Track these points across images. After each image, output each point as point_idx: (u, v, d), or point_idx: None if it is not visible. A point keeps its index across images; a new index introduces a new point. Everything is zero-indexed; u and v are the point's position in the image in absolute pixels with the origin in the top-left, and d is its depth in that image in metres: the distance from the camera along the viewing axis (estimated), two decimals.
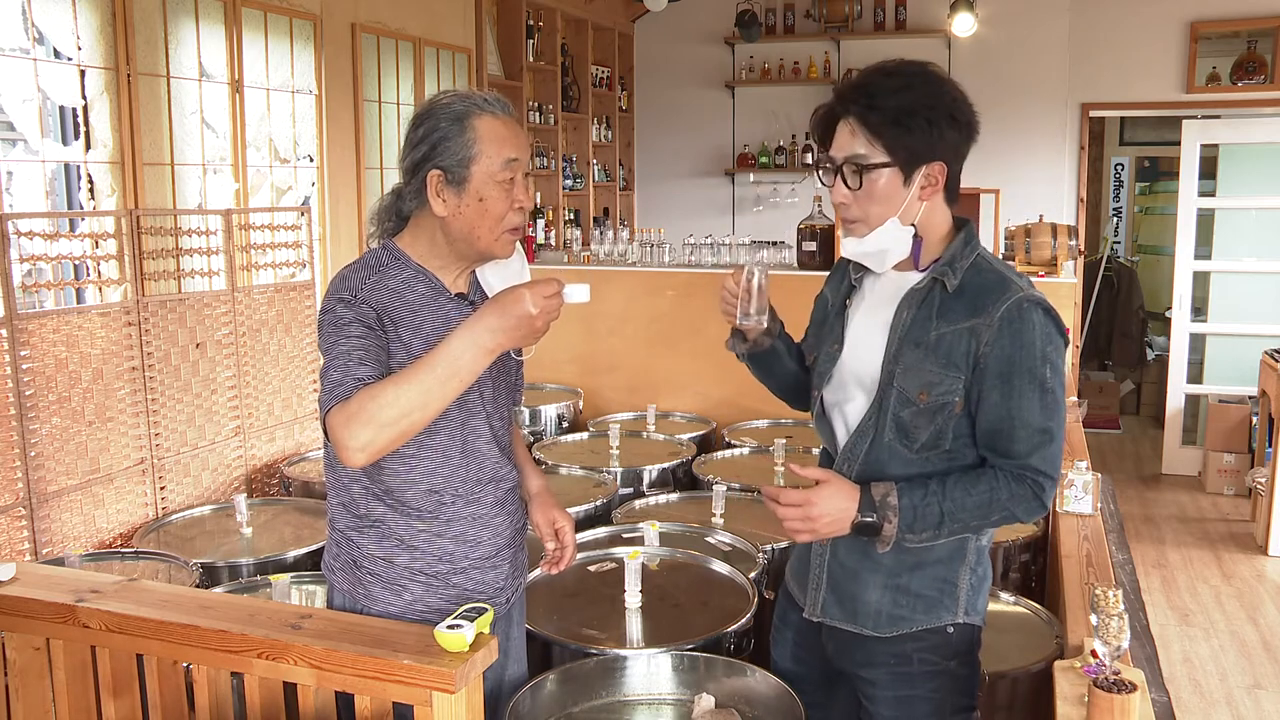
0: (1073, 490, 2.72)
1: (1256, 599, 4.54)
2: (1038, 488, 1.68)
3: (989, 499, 1.68)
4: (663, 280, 4.75)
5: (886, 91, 1.67)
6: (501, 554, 1.93)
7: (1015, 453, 1.68)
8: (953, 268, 1.72)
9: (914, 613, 1.79)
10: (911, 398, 1.71)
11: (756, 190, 7.62)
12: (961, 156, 1.72)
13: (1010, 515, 1.69)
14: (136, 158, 3.48)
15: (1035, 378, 1.66)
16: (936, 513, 1.67)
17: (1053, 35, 6.74)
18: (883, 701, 1.83)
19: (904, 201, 1.70)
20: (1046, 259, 4.47)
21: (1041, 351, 1.66)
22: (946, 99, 1.68)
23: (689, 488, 3.68)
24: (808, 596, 1.90)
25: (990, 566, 1.87)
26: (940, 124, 1.67)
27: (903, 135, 1.67)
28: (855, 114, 1.70)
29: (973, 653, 1.85)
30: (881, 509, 1.68)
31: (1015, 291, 1.68)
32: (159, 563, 2.94)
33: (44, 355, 3.07)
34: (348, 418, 1.59)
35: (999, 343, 1.66)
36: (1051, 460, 1.69)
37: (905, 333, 1.73)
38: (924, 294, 1.73)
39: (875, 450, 1.77)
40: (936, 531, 1.69)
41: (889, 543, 1.71)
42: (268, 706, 1.78)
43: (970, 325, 1.68)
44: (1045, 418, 1.67)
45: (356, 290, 1.76)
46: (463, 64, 5.45)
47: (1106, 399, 7.56)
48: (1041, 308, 1.68)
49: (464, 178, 1.75)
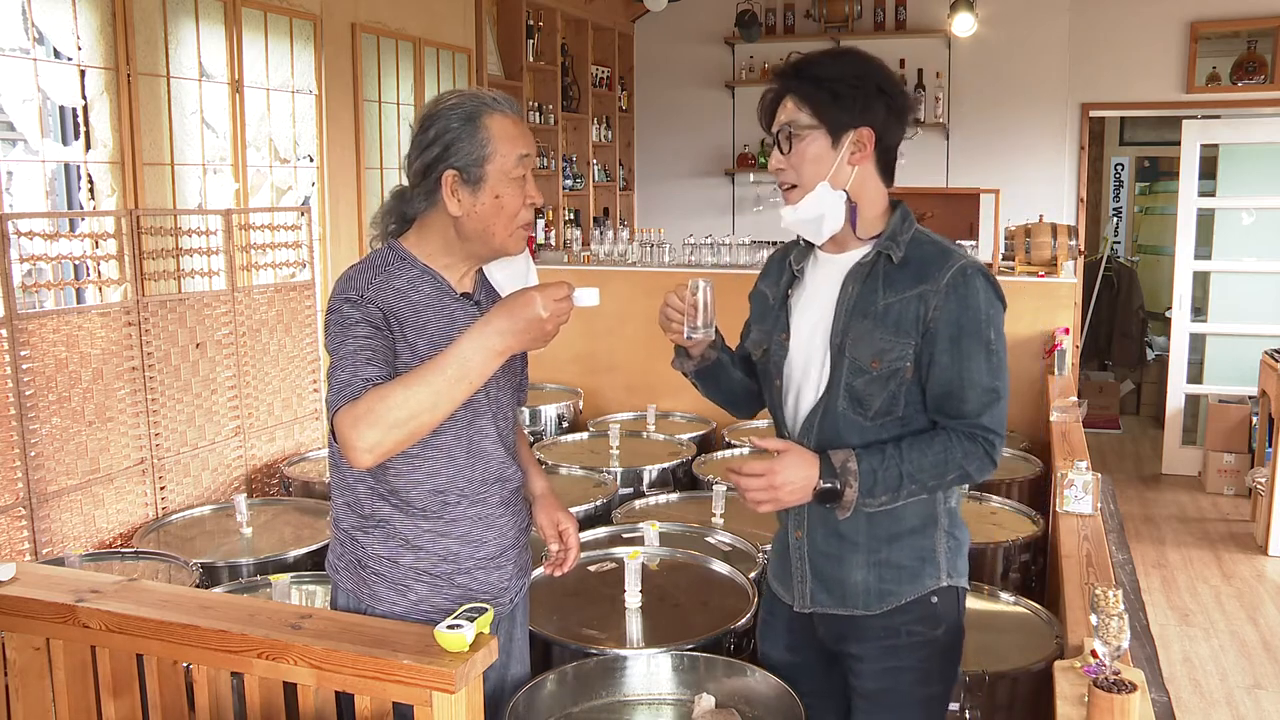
0: (1073, 490, 2.71)
1: (1256, 599, 4.54)
2: (989, 445, 1.75)
3: (944, 458, 1.74)
4: (663, 280, 4.75)
5: (815, 64, 1.79)
6: (506, 554, 1.93)
7: (966, 413, 1.75)
8: (896, 241, 1.80)
9: (899, 585, 1.84)
10: (864, 366, 1.77)
11: (756, 190, 7.61)
12: (892, 130, 1.80)
13: (964, 474, 1.76)
14: (136, 158, 3.47)
15: (982, 339, 1.74)
16: (895, 475, 1.73)
17: (1053, 35, 6.73)
18: (869, 675, 1.87)
19: (833, 164, 1.78)
20: (1046, 259, 4.47)
21: (986, 314, 1.75)
22: (875, 72, 1.78)
23: (689, 488, 3.68)
24: (794, 591, 1.93)
25: (966, 528, 1.93)
26: (867, 91, 1.76)
27: (829, 100, 1.76)
28: (788, 86, 1.81)
29: (958, 617, 1.90)
30: (842, 474, 1.74)
31: (959, 259, 1.77)
32: (159, 563, 2.94)
33: (44, 355, 3.07)
34: (356, 418, 1.59)
35: (946, 307, 1.74)
36: (999, 418, 1.77)
37: (853, 305, 1.80)
38: (869, 268, 1.81)
39: (829, 420, 1.82)
40: (895, 494, 1.75)
41: (850, 508, 1.76)
42: (268, 706, 1.78)
43: (919, 292, 1.76)
44: (992, 378, 1.75)
45: (363, 290, 1.76)
46: (463, 64, 5.45)
47: (1106, 399, 7.56)
48: (983, 274, 1.77)
49: (480, 177, 1.75)
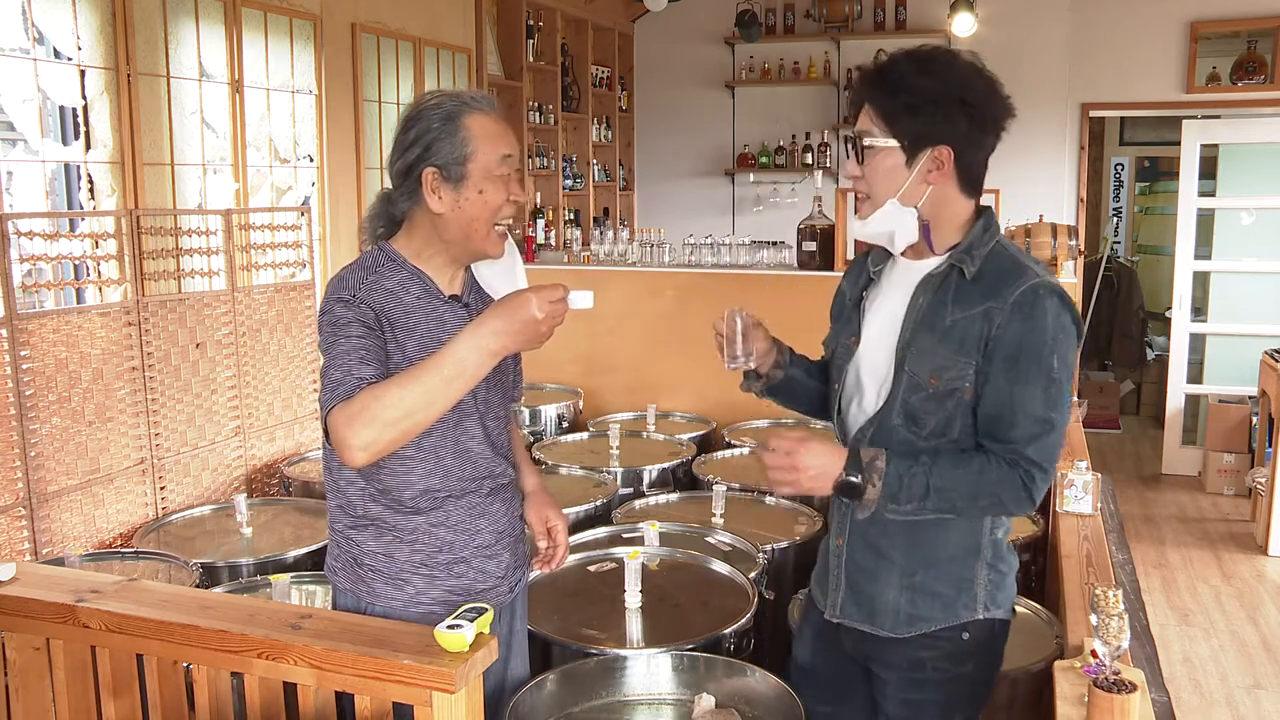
0: (1073, 490, 2.71)
1: (1256, 599, 4.54)
2: (1028, 477, 1.65)
3: (978, 480, 1.66)
4: (663, 280, 4.75)
5: (899, 74, 1.69)
6: (501, 541, 1.94)
7: (1012, 439, 1.66)
8: (971, 254, 1.71)
9: (932, 611, 1.78)
10: (922, 382, 1.71)
11: (756, 190, 7.61)
12: (976, 144, 1.71)
13: (998, 502, 1.67)
14: (136, 158, 3.47)
15: (1042, 365, 1.64)
16: (923, 485, 1.66)
17: (1053, 35, 6.74)
18: (892, 700, 1.84)
19: (905, 182, 1.70)
20: (1046, 259, 4.46)
21: (1052, 339, 1.65)
22: (960, 85, 1.67)
23: (689, 488, 3.68)
24: (828, 598, 1.90)
25: (1013, 559, 1.85)
26: (948, 106, 1.66)
27: (906, 115, 1.68)
28: (867, 94, 1.72)
29: (993, 650, 1.84)
30: (868, 471, 1.67)
31: (1032, 278, 1.67)
32: (159, 563, 2.94)
33: (44, 355, 3.07)
34: (350, 417, 1.59)
35: (1010, 326, 1.65)
36: (1047, 452, 1.66)
37: (920, 317, 1.73)
38: (940, 279, 1.73)
39: (882, 435, 1.76)
40: (920, 504, 1.68)
41: (869, 508, 1.71)
42: (268, 706, 1.78)
43: (984, 309, 1.67)
44: (1048, 408, 1.65)
45: (355, 290, 1.77)
46: (463, 64, 5.45)
47: (1106, 399, 7.56)
48: (1057, 295, 1.67)
49: (461, 175, 1.76)
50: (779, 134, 7.45)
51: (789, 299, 4.30)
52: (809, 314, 2.01)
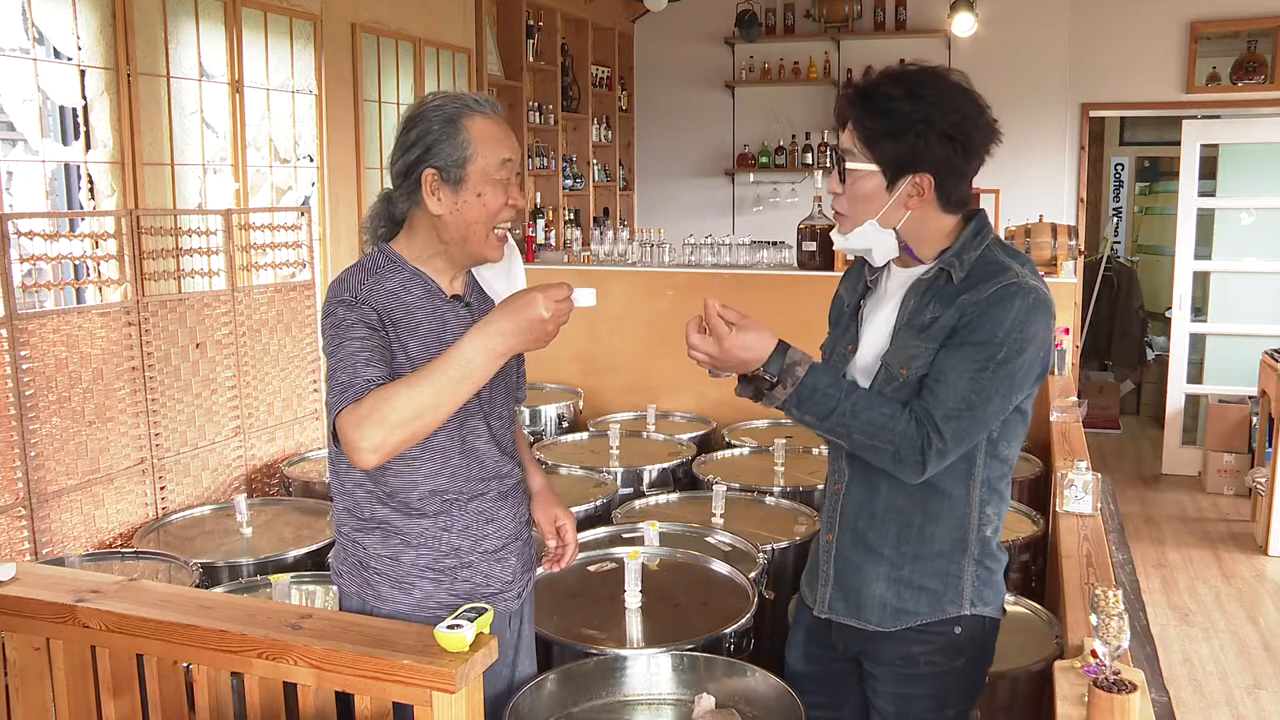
0: (1073, 490, 2.71)
1: (1256, 599, 4.54)
2: (928, 443, 1.64)
3: (883, 423, 1.64)
4: (663, 280, 4.75)
5: (884, 96, 1.67)
6: (509, 547, 1.94)
7: (931, 405, 1.65)
8: (960, 258, 1.72)
9: (918, 606, 1.79)
10: (894, 373, 1.73)
11: (756, 190, 7.61)
12: (958, 173, 1.70)
13: (895, 454, 1.65)
14: (136, 158, 3.47)
15: (986, 350, 1.64)
16: (831, 404, 1.65)
17: (1053, 35, 6.74)
18: (885, 695, 1.85)
19: (884, 206, 1.71)
20: (1046, 259, 4.47)
21: (1006, 332, 1.64)
22: (945, 112, 1.66)
23: (689, 488, 3.68)
24: (816, 594, 1.91)
25: (1002, 557, 1.85)
26: (930, 138, 1.65)
27: (888, 143, 1.67)
28: (851, 114, 1.72)
29: (984, 646, 1.84)
30: (786, 373, 1.66)
31: (1011, 277, 1.67)
32: (159, 563, 2.94)
33: (44, 355, 3.07)
34: (359, 419, 1.59)
35: (974, 314, 1.66)
36: (958, 432, 1.65)
37: (907, 320, 1.75)
38: (928, 283, 1.74)
39: None
40: (821, 421, 1.67)
41: (774, 404, 1.69)
42: (268, 706, 1.78)
43: (959, 303, 1.68)
44: (974, 391, 1.64)
45: (356, 291, 1.77)
46: (463, 64, 5.45)
47: (1106, 399, 7.56)
48: (1031, 297, 1.66)
49: (460, 177, 1.76)
50: (779, 134, 7.45)
51: (789, 299, 4.30)
52: (809, 314, 2.01)
